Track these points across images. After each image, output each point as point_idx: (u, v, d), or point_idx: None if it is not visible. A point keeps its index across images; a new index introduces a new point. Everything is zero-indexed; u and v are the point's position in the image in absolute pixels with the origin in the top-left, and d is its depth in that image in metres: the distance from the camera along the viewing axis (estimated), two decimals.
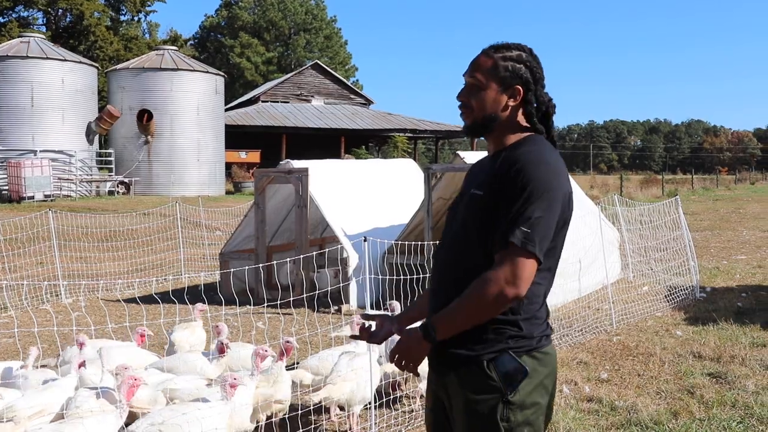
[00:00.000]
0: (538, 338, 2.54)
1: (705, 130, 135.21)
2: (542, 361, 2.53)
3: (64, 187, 30.48)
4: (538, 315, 2.56)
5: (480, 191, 2.55)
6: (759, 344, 7.69)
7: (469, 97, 2.65)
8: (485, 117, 2.63)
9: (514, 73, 2.61)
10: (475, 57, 2.68)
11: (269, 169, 11.64)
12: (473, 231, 2.54)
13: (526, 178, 2.42)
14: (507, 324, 2.49)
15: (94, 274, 12.66)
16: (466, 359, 2.52)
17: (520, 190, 2.42)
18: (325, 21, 71.66)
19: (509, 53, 2.63)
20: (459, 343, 2.53)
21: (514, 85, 2.61)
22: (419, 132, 47.99)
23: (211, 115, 35.97)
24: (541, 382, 2.53)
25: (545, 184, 2.43)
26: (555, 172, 2.48)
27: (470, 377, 2.52)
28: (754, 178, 62.56)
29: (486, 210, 2.50)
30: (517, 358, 2.48)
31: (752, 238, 18.41)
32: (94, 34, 52.30)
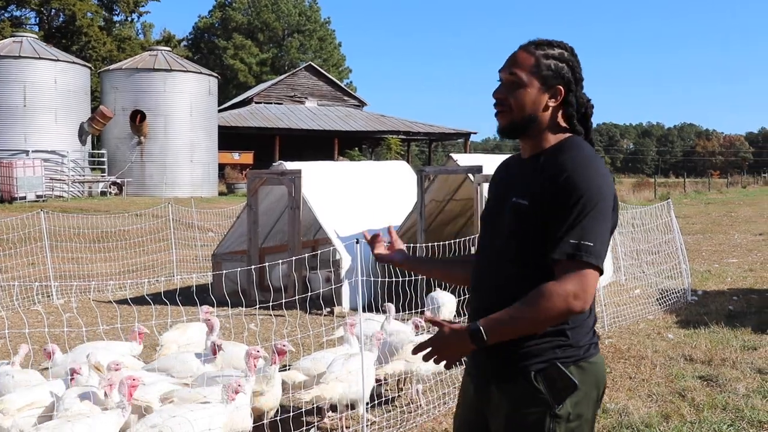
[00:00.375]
0: (586, 347, 2.46)
1: (697, 133, 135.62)
2: (588, 371, 2.44)
3: (56, 188, 30.38)
4: (586, 323, 2.48)
5: (524, 200, 2.44)
6: (750, 347, 7.71)
7: (507, 94, 2.52)
8: (525, 118, 2.51)
9: (557, 72, 2.50)
10: (514, 53, 2.54)
11: (262, 171, 11.64)
12: (518, 241, 2.45)
13: (579, 186, 2.33)
14: (555, 334, 2.42)
15: (86, 275, 12.62)
16: (511, 371, 2.45)
17: (574, 200, 2.33)
18: (318, 23, 71.64)
19: (551, 51, 2.51)
20: (504, 354, 2.45)
21: (555, 85, 2.50)
22: (412, 134, 48.01)
23: (205, 116, 35.91)
24: (587, 393, 2.44)
25: (598, 192, 2.35)
26: (604, 177, 2.40)
27: (516, 389, 2.44)
28: (746, 182, 62.75)
29: (533, 221, 2.41)
30: (565, 370, 2.40)
31: (743, 241, 18.48)
32: (87, 34, 52.17)
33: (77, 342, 7.41)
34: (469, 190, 10.86)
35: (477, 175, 9.88)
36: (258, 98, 48.73)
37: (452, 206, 12.15)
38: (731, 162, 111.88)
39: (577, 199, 2.33)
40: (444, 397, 6.23)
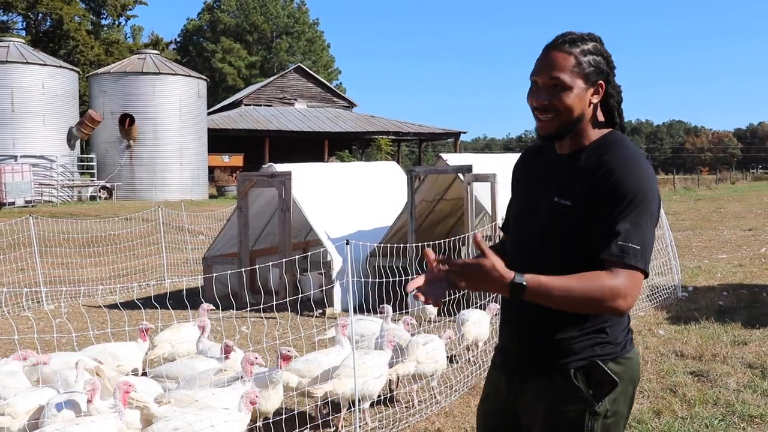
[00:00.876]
0: (623, 344, 2.45)
1: (686, 130, 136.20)
2: (626, 367, 2.44)
3: (46, 193, 30.27)
4: (623, 320, 2.47)
5: (567, 201, 2.40)
6: (740, 342, 7.75)
7: (552, 99, 2.41)
8: (573, 120, 2.43)
9: (597, 67, 2.43)
10: (548, 54, 2.43)
11: (252, 173, 11.62)
12: (557, 242, 2.42)
13: (629, 188, 2.30)
14: (595, 331, 2.41)
15: (76, 280, 12.57)
16: (550, 367, 2.43)
17: (625, 201, 2.30)
18: (307, 24, 71.58)
19: (586, 46, 2.42)
20: (542, 350, 2.44)
21: (597, 80, 2.43)
22: (403, 134, 48.02)
23: (194, 119, 35.82)
24: (624, 389, 2.43)
25: (647, 192, 2.32)
26: (652, 178, 2.36)
27: (554, 386, 2.42)
28: (735, 178, 63.08)
29: (574, 222, 2.38)
30: (605, 367, 2.39)
31: (733, 237, 18.56)
32: (74, 38, 51.99)
33: (67, 348, 7.39)
34: (459, 190, 10.87)
35: (467, 175, 9.89)
36: (247, 100, 48.64)
37: (442, 206, 12.17)
38: (720, 158, 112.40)
39: (627, 201, 2.30)
40: (436, 397, 6.23)
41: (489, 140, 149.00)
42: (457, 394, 6.40)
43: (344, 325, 5.99)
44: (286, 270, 9.98)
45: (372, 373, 5.42)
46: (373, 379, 5.43)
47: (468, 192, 9.88)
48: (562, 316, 2.36)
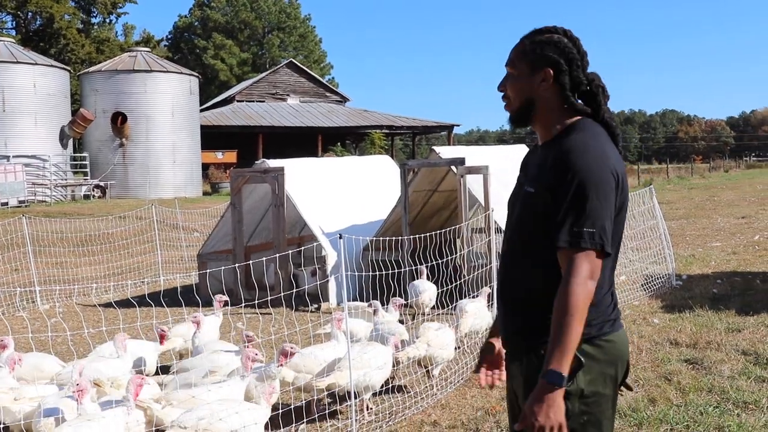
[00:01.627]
0: (599, 326, 2.48)
1: (679, 119, 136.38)
2: (604, 348, 2.47)
3: (39, 193, 30.19)
4: (599, 302, 2.48)
5: (532, 188, 2.52)
6: (734, 329, 7.78)
7: (506, 86, 2.64)
8: (522, 104, 2.60)
9: (541, 55, 2.55)
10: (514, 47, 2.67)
11: (245, 169, 11.61)
12: (530, 227, 2.53)
13: (575, 170, 2.38)
14: None
15: (71, 279, 12.56)
16: (526, 349, 2.54)
17: (570, 184, 2.38)
18: (299, 19, 71.40)
19: (540, 36, 2.59)
20: (520, 334, 2.57)
21: (543, 67, 2.55)
22: (396, 128, 48.01)
23: (187, 116, 35.74)
24: (604, 371, 2.48)
25: (594, 174, 2.38)
26: (603, 158, 2.42)
27: (530, 366, 2.51)
28: (728, 166, 63.19)
29: (540, 206, 2.47)
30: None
31: (726, 225, 18.61)
32: (65, 37, 51.82)
33: (63, 347, 7.39)
34: (453, 183, 10.87)
35: (460, 167, 9.90)
36: (240, 96, 48.56)
37: (436, 199, 12.18)
38: (713, 147, 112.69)
39: (573, 183, 2.38)
40: (432, 389, 6.25)
41: (483, 132, 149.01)
42: (453, 386, 6.42)
43: (339, 319, 6.01)
44: (281, 265, 9.97)
45: (374, 364, 5.52)
46: (376, 370, 5.54)
47: (461, 184, 9.88)
48: (532, 301, 2.50)
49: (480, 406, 5.91)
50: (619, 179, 2.44)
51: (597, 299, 2.46)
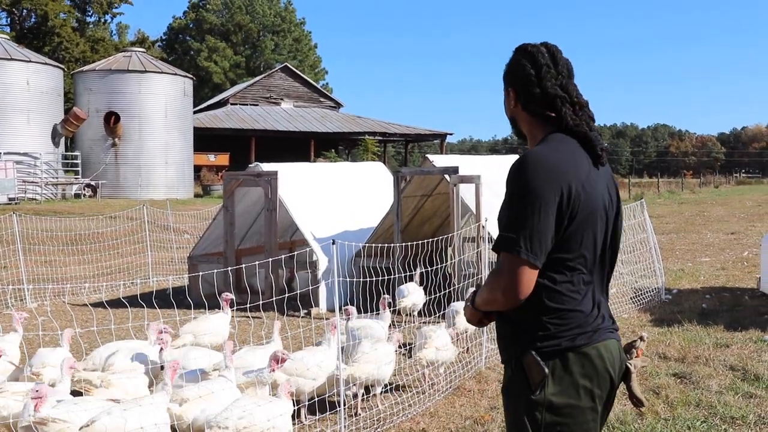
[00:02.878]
0: (571, 337, 2.48)
1: (670, 134, 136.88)
2: (576, 361, 2.47)
3: (29, 190, 30.04)
4: (571, 314, 2.49)
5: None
6: (722, 345, 7.82)
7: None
8: (510, 122, 2.82)
9: (506, 76, 2.75)
10: None
11: (238, 172, 11.60)
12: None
13: (512, 181, 2.49)
14: (534, 324, 2.50)
15: (60, 278, 12.51)
16: (504, 358, 2.65)
17: (508, 194, 2.50)
18: (294, 23, 71.43)
19: (509, 59, 2.75)
20: (502, 344, 2.68)
21: (509, 87, 2.75)
22: (389, 135, 48.06)
23: (180, 118, 35.68)
24: (575, 382, 2.47)
25: (528, 185, 2.42)
26: (543, 170, 2.44)
27: (509, 374, 2.61)
28: (718, 182, 63.57)
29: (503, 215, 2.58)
30: (537, 357, 2.46)
31: (716, 240, 18.71)
32: (59, 35, 51.66)
33: (52, 346, 7.35)
34: (445, 191, 10.90)
35: (453, 176, 9.92)
36: (234, 99, 48.52)
37: (428, 207, 12.20)
38: (704, 162, 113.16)
39: (508, 192, 2.49)
40: (420, 396, 6.25)
41: (475, 142, 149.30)
42: (441, 394, 6.43)
43: (335, 326, 6.05)
44: (272, 270, 9.96)
45: (384, 360, 5.95)
46: (385, 365, 5.97)
47: (454, 193, 9.91)
48: (511, 314, 2.54)
49: (469, 414, 5.92)
50: (568, 191, 2.44)
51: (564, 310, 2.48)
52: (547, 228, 2.42)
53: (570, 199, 2.45)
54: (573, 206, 2.46)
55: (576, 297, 2.50)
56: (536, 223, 2.40)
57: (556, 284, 2.47)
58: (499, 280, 2.46)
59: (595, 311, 2.55)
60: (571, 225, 2.47)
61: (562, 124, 2.62)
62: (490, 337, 7.57)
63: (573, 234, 2.48)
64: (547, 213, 2.42)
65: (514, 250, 2.40)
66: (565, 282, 2.49)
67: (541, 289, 2.46)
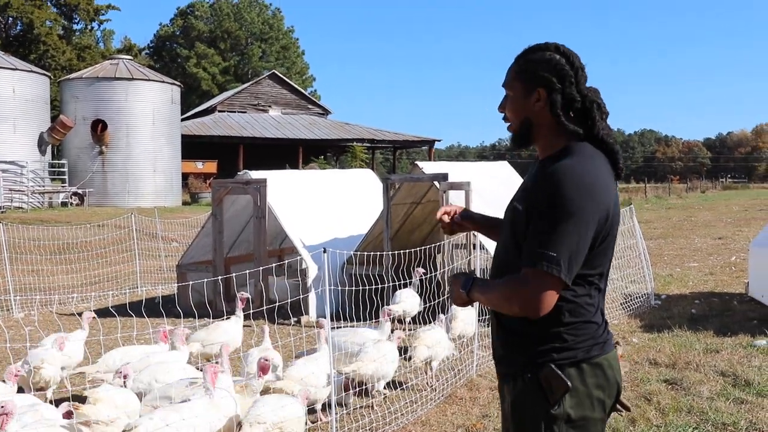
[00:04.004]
0: (586, 348, 2.46)
1: (657, 139, 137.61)
2: (591, 372, 2.45)
3: (16, 199, 29.84)
4: (586, 325, 2.48)
5: (520, 205, 2.51)
6: (712, 350, 7.83)
7: (505, 107, 2.65)
8: (521, 125, 2.59)
9: (533, 74, 2.53)
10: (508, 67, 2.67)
11: (227, 180, 11.55)
12: (513, 244, 2.53)
13: (556, 198, 2.35)
14: (551, 336, 2.45)
15: (47, 287, 12.41)
16: (513, 372, 2.54)
17: (550, 209, 2.35)
18: (282, 31, 71.45)
19: (532, 55, 2.56)
20: (508, 355, 2.58)
21: (535, 87, 2.53)
22: (377, 142, 48.08)
23: (167, 125, 35.55)
24: (590, 394, 2.45)
25: (575, 204, 2.33)
26: (587, 188, 2.36)
27: (517, 389, 2.52)
28: (705, 187, 63.91)
29: (523, 225, 2.46)
30: (558, 371, 2.42)
31: (704, 245, 18.79)
32: (45, 42, 51.44)
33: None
34: (435, 198, 10.89)
35: (442, 183, 9.91)
36: (221, 107, 48.44)
37: (417, 213, 12.18)
38: (690, 167, 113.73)
39: (551, 207, 2.35)
40: (412, 405, 6.23)
41: (463, 148, 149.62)
42: (433, 402, 6.40)
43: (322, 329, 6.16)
44: (263, 278, 9.92)
45: (388, 358, 6.24)
46: (389, 363, 6.25)
47: (443, 200, 9.90)
48: (517, 323, 2.49)
49: (460, 423, 5.90)
50: (603, 212, 2.39)
51: (580, 322, 2.46)
52: (585, 248, 2.38)
53: (607, 220, 2.42)
54: (608, 226, 2.44)
55: (591, 309, 2.49)
56: (577, 243, 2.35)
57: (576, 298, 2.44)
58: (523, 293, 2.38)
59: (604, 322, 2.56)
60: (602, 244, 2.45)
61: (593, 132, 2.53)
62: (481, 345, 7.56)
63: (601, 252, 2.46)
64: (587, 233, 2.37)
65: (553, 268, 2.33)
66: (585, 295, 2.47)
67: (562, 302, 2.41)
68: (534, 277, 2.35)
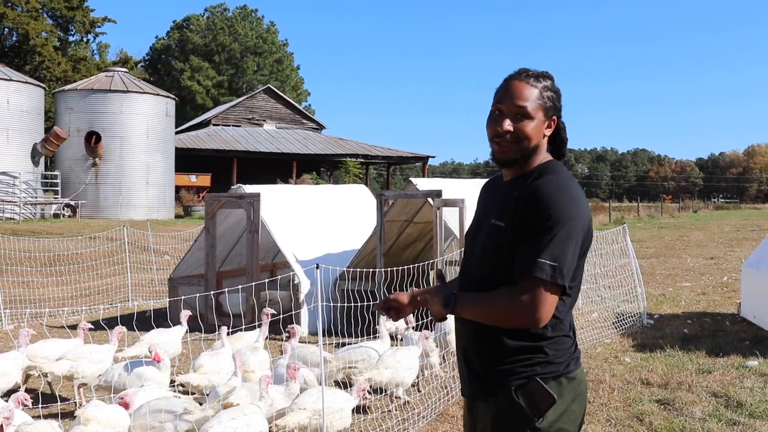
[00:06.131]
0: (566, 363, 2.52)
1: (650, 159, 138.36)
2: (569, 386, 2.51)
3: (7, 210, 29.71)
4: (565, 340, 2.54)
5: (501, 222, 2.52)
6: (705, 371, 7.82)
7: (516, 127, 2.56)
8: (530, 149, 2.58)
9: (554, 104, 2.61)
10: (514, 84, 2.59)
11: (220, 194, 11.53)
12: (496, 262, 2.52)
13: (550, 208, 2.40)
14: (534, 351, 2.48)
15: (38, 299, 12.34)
16: (494, 387, 2.53)
17: (544, 220, 2.39)
18: (276, 45, 71.64)
19: (547, 83, 2.60)
20: (487, 371, 2.55)
21: (552, 116, 2.61)
22: (371, 157, 48.13)
23: (161, 138, 35.53)
24: (568, 408, 2.50)
25: (568, 213, 2.41)
26: (576, 200, 2.46)
27: (498, 405, 2.52)
28: (697, 207, 64.09)
29: (509, 242, 2.47)
30: (544, 385, 2.46)
31: (696, 265, 18.82)
32: (40, 54, 51.42)
33: None
34: (428, 214, 10.89)
35: (436, 200, 9.92)
36: (216, 120, 48.46)
37: (411, 230, 12.18)
38: (683, 187, 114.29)
39: (546, 219, 2.40)
40: (403, 423, 6.18)
41: (456, 165, 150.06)
42: (424, 420, 6.37)
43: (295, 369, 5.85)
44: (253, 293, 9.88)
45: (405, 365, 6.44)
46: (406, 369, 6.46)
47: (437, 217, 9.90)
48: (500, 339, 2.50)
49: None
50: (588, 223, 2.50)
51: (560, 337, 2.52)
52: (577, 257, 2.46)
53: (589, 231, 2.52)
54: (589, 238, 2.52)
55: (567, 324, 2.55)
56: (573, 252, 2.42)
57: (558, 312, 2.48)
58: (524, 303, 2.38)
59: (574, 337, 2.62)
60: (584, 256, 2.53)
61: (562, 153, 2.69)
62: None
63: (581, 264, 2.53)
64: (579, 242, 2.45)
65: (557, 278, 2.37)
66: (564, 309, 2.52)
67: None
68: (535, 286, 2.38)
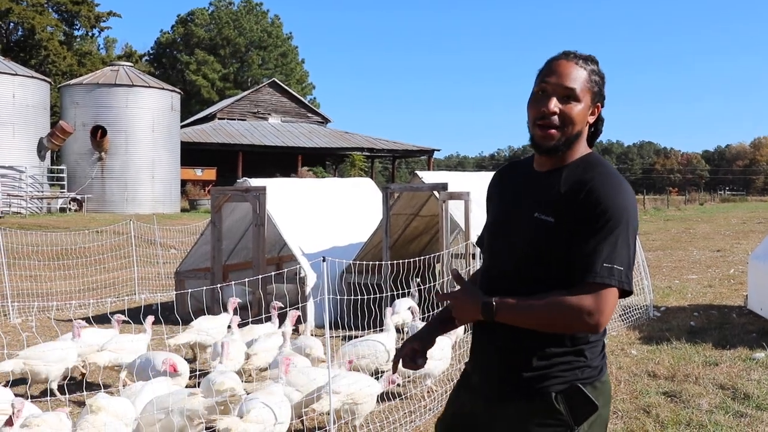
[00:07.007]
0: (600, 367, 2.44)
1: (656, 151, 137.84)
2: (601, 390, 2.42)
3: (14, 204, 29.80)
4: (600, 343, 2.46)
5: (549, 218, 2.36)
6: (711, 363, 7.81)
7: (564, 109, 2.40)
8: (575, 134, 2.43)
9: (600, 90, 2.47)
10: (563, 63, 2.42)
11: (226, 188, 11.53)
12: (541, 259, 2.38)
13: (610, 207, 2.29)
14: (575, 354, 2.39)
15: (45, 293, 12.38)
16: (532, 391, 2.40)
17: (606, 220, 2.28)
18: (281, 38, 71.55)
19: (594, 66, 2.45)
20: (524, 374, 2.41)
21: (597, 102, 2.47)
22: (376, 151, 48.12)
23: (167, 132, 35.56)
24: (601, 413, 2.41)
25: (626, 212, 2.31)
26: (631, 196, 2.36)
27: (536, 410, 2.39)
28: (703, 199, 63.94)
29: (558, 239, 2.34)
30: (585, 391, 2.37)
31: (702, 257, 18.78)
32: (46, 48, 51.53)
33: None
34: (434, 207, 10.88)
35: (442, 193, 9.91)
36: (221, 114, 48.48)
37: (417, 223, 12.18)
38: (689, 180, 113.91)
39: (608, 220, 2.29)
40: (410, 415, 6.20)
41: (462, 158, 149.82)
42: (431, 412, 6.38)
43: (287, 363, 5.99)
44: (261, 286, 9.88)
45: (435, 356, 6.43)
46: (436, 360, 6.54)
47: (443, 210, 9.89)
48: (541, 341, 2.37)
49: None
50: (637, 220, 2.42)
51: (597, 340, 2.44)
52: (634, 255, 2.37)
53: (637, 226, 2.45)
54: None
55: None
56: (634, 252, 2.34)
57: None
58: (588, 309, 2.25)
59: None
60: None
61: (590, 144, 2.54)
62: None
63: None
64: (635, 239, 2.37)
65: (624, 284, 2.29)
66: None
67: None
68: (602, 292, 2.26)
